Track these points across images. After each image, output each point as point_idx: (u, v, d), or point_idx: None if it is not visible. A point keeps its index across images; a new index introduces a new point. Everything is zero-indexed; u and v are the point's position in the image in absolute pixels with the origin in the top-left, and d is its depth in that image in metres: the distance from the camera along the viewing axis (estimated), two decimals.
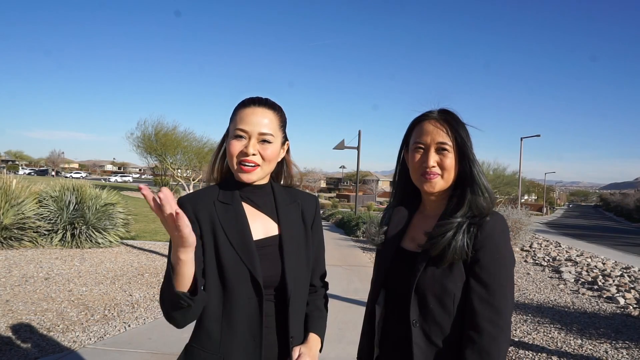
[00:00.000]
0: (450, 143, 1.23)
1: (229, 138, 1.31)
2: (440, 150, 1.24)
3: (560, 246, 14.22)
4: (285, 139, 1.38)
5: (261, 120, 1.28)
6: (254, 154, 1.26)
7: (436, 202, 1.32)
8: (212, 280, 1.25)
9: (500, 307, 1.14)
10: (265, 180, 1.37)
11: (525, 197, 74.68)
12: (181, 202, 1.30)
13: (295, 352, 1.27)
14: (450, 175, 1.25)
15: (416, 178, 1.29)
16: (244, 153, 1.26)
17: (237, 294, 1.24)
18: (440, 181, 1.25)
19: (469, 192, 1.23)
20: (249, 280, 1.25)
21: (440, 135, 1.24)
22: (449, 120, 1.26)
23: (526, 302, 6.33)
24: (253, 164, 1.27)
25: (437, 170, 1.24)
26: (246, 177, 1.28)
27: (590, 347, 4.49)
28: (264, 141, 1.28)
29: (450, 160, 1.24)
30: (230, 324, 1.24)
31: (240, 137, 1.27)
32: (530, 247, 12.82)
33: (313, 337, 1.35)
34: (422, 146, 1.26)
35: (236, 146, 1.27)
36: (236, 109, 1.32)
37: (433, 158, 1.24)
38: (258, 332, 1.26)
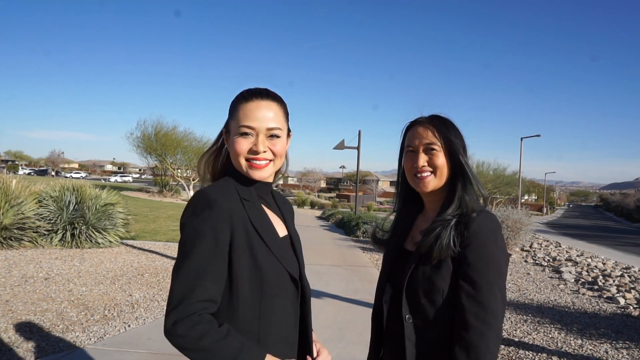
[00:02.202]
0: (438, 143, 1.29)
1: (232, 135, 1.21)
2: (429, 150, 1.30)
3: (560, 246, 14.22)
4: (289, 130, 1.31)
5: (267, 114, 1.19)
6: (264, 151, 1.19)
7: (434, 202, 1.36)
8: (248, 286, 1.14)
9: (488, 303, 1.15)
10: (272, 178, 1.33)
11: (526, 197, 74.67)
12: (215, 201, 1.13)
13: (316, 347, 1.31)
14: (443, 173, 1.30)
15: (411, 179, 1.35)
16: (253, 151, 1.18)
17: (275, 297, 1.18)
18: (432, 180, 1.30)
19: (460, 188, 1.28)
20: (289, 281, 1.21)
21: (427, 136, 1.30)
22: (436, 122, 1.32)
23: (526, 302, 6.32)
24: (265, 161, 1.20)
25: (427, 169, 1.30)
26: (258, 174, 1.20)
27: (590, 347, 4.48)
28: (272, 136, 1.20)
29: (439, 159, 1.29)
30: (267, 330, 1.17)
31: (247, 134, 1.18)
32: (531, 247, 12.81)
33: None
34: (413, 149, 1.33)
35: (243, 144, 1.18)
36: (237, 103, 1.23)
37: (422, 158, 1.30)
38: (292, 334, 1.23)
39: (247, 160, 1.20)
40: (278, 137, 1.21)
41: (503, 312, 1.17)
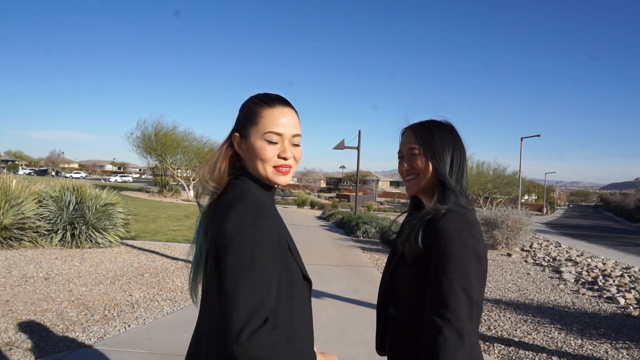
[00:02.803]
0: (417, 147, 1.34)
1: (253, 141, 1.20)
2: (411, 155, 1.36)
3: (560, 246, 14.21)
4: None
5: (292, 121, 1.22)
6: (290, 157, 1.22)
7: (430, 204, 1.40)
8: (284, 291, 1.17)
9: (447, 300, 1.14)
10: None
11: (526, 197, 74.67)
12: (266, 209, 1.15)
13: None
14: (426, 176, 1.33)
15: (404, 182, 1.41)
16: (282, 157, 1.21)
17: (299, 299, 1.21)
18: (417, 182, 1.35)
19: (437, 190, 1.32)
20: (303, 282, 1.24)
21: (408, 142, 1.37)
22: (417, 127, 1.38)
23: (526, 302, 6.32)
24: (289, 167, 1.23)
25: (411, 172, 1.36)
26: (284, 180, 1.23)
27: (590, 347, 4.48)
28: (295, 143, 1.24)
29: (420, 161, 1.33)
30: (296, 332, 1.19)
31: (274, 141, 1.20)
32: (531, 247, 12.81)
33: None
34: (401, 154, 1.40)
35: (271, 151, 1.19)
36: (258, 108, 1.22)
37: (405, 162, 1.37)
38: (310, 337, 1.26)
39: (274, 166, 1.21)
40: (298, 144, 1.25)
41: (468, 311, 1.14)
